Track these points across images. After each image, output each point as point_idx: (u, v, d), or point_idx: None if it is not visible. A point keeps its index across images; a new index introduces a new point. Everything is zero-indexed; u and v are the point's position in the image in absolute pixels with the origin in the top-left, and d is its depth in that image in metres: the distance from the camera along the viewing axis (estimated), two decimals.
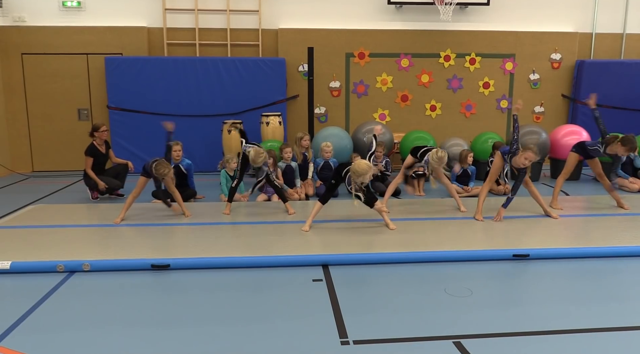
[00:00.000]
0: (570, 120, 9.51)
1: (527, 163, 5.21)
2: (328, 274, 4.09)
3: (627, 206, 5.98)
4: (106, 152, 6.67)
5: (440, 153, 5.63)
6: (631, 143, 5.60)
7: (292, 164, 6.84)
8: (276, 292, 3.76)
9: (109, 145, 6.84)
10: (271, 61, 8.64)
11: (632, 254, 4.51)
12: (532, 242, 4.70)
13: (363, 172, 4.79)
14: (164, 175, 5.26)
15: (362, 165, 4.84)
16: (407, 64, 9.17)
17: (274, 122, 8.05)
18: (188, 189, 6.58)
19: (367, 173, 4.81)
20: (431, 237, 4.87)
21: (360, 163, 4.87)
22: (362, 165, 4.83)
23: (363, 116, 9.15)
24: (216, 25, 8.90)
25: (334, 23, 8.99)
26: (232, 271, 4.14)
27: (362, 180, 4.83)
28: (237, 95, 8.55)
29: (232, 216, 5.63)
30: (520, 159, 5.22)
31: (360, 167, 4.82)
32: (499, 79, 9.37)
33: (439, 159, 5.60)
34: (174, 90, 8.48)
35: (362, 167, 4.80)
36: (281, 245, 4.59)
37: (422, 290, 3.81)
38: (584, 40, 9.47)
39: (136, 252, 4.34)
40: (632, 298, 3.68)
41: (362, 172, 4.79)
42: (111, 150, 6.89)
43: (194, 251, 4.37)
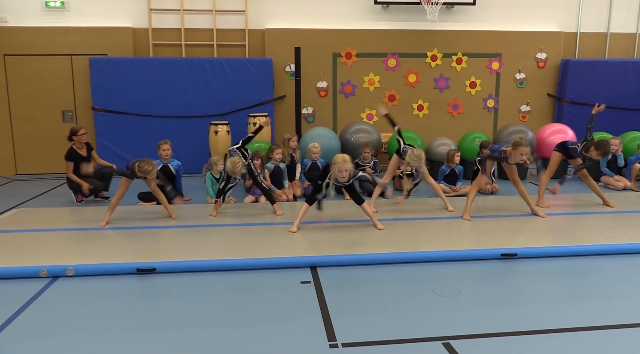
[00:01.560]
0: (556, 119, 9.58)
1: (524, 157, 5.24)
2: (316, 276, 4.06)
3: (612, 204, 6.03)
4: (88, 155, 6.57)
5: (417, 152, 5.67)
6: (604, 149, 5.69)
7: (281, 165, 6.80)
8: (264, 295, 3.73)
9: (91, 147, 6.74)
10: (258, 61, 8.59)
11: (618, 252, 4.55)
12: (519, 241, 4.72)
13: (341, 161, 4.82)
14: (147, 173, 5.17)
15: (339, 155, 4.96)
16: (394, 64, 9.18)
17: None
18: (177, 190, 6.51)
19: (346, 163, 4.84)
20: (419, 237, 4.87)
21: (339, 154, 4.99)
22: (339, 156, 4.94)
23: (351, 116, 9.13)
24: (202, 25, 8.83)
25: (321, 23, 8.96)
26: (219, 274, 4.09)
27: (339, 169, 4.83)
28: (224, 96, 8.48)
29: (219, 218, 5.58)
30: (517, 156, 5.24)
31: (337, 156, 4.94)
32: (485, 79, 9.41)
33: (417, 157, 5.61)
34: (160, 91, 8.39)
35: (338, 157, 4.91)
36: (269, 246, 4.55)
37: (411, 291, 3.80)
38: (569, 39, 9.55)
39: (121, 256, 4.27)
40: (619, 296, 3.70)
41: (335, 161, 4.86)
42: (94, 152, 6.80)
43: (180, 255, 4.31)
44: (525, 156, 5.23)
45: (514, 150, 5.23)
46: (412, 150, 5.71)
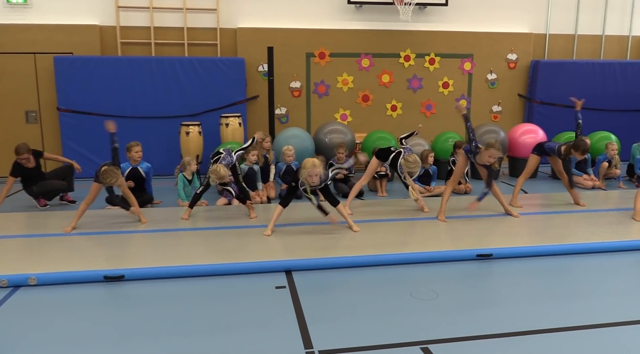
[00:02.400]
0: (526, 119, 9.71)
1: (491, 160, 5.26)
2: (291, 280, 3.98)
3: (583, 203, 6.12)
4: (36, 164, 6.24)
5: (411, 158, 5.60)
6: (583, 147, 5.74)
7: (255, 167, 6.68)
8: (238, 301, 3.62)
9: (40, 152, 6.44)
10: (230, 61, 8.43)
11: (591, 251, 4.60)
12: (494, 241, 4.72)
13: (310, 166, 4.74)
14: (111, 184, 5.01)
15: (309, 160, 4.87)
16: (368, 64, 9.15)
17: (233, 123, 7.84)
18: (145, 194, 6.33)
19: (315, 167, 4.76)
20: (395, 239, 4.83)
21: (308, 159, 4.90)
22: (309, 160, 4.85)
23: (324, 116, 9.06)
24: (172, 23, 8.62)
25: (294, 22, 8.87)
26: (191, 280, 3.96)
27: (309, 173, 4.75)
28: (195, 96, 8.29)
29: (191, 221, 5.43)
30: (484, 157, 5.26)
31: (306, 161, 4.84)
32: (458, 79, 9.47)
33: (414, 162, 5.56)
34: (129, 91, 8.16)
35: (307, 162, 4.81)
36: (243, 251, 4.45)
37: (388, 294, 3.74)
38: (539, 40, 9.69)
39: (87, 263, 4.09)
40: (595, 295, 3.73)
41: (308, 165, 4.76)
42: (45, 153, 6.55)
43: (150, 260, 4.16)
44: (493, 159, 5.25)
45: (484, 150, 5.25)
46: (406, 157, 5.61)
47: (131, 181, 6.08)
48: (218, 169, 5.33)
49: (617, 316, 3.36)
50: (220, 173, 5.31)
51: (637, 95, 9.71)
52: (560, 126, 9.06)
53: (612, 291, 3.82)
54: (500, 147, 5.37)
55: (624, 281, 4.06)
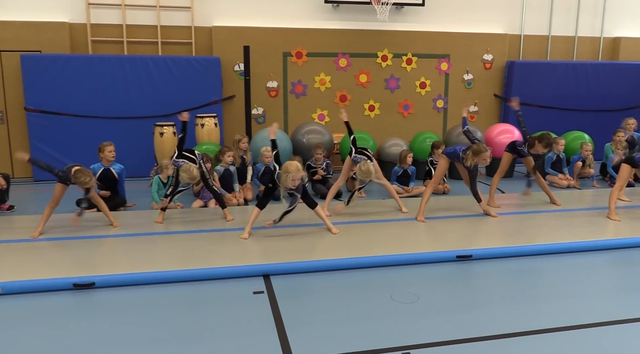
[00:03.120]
0: (502, 119, 9.80)
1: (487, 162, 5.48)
2: (269, 285, 3.87)
3: (559, 202, 6.18)
4: None
5: (364, 167, 5.37)
6: (547, 139, 5.83)
7: (231, 168, 6.55)
8: (214, 308, 3.50)
9: None
10: (205, 60, 8.27)
11: (569, 250, 4.63)
12: (474, 242, 4.71)
13: (290, 170, 4.64)
14: (84, 185, 4.82)
15: (292, 164, 4.74)
16: (345, 64, 9.09)
17: (209, 124, 7.69)
18: (117, 196, 6.14)
19: (297, 172, 4.67)
20: (374, 240, 4.77)
21: (291, 162, 4.77)
22: (292, 164, 4.73)
23: (302, 117, 8.97)
24: (145, 21, 8.41)
25: (270, 21, 8.75)
26: (165, 286, 3.82)
27: (293, 178, 4.64)
28: (170, 96, 8.10)
29: (165, 225, 5.27)
30: (479, 161, 5.36)
31: (289, 164, 4.72)
32: (435, 79, 9.49)
33: (366, 172, 5.36)
34: (100, 91, 7.92)
35: (291, 166, 4.69)
36: (219, 255, 4.32)
37: (368, 298, 3.68)
38: (514, 41, 9.78)
39: (55, 270, 3.91)
40: (575, 295, 3.73)
41: (289, 169, 4.65)
42: None
43: (122, 266, 4.01)
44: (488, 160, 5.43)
45: (477, 157, 5.25)
46: (360, 165, 5.43)
47: (106, 190, 5.91)
48: (191, 169, 5.18)
49: (598, 316, 3.36)
50: (193, 173, 5.17)
51: (609, 96, 9.89)
52: (536, 126, 9.15)
53: (591, 291, 3.83)
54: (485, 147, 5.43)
55: (601, 281, 4.08)
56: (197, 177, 5.23)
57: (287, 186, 4.74)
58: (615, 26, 10.24)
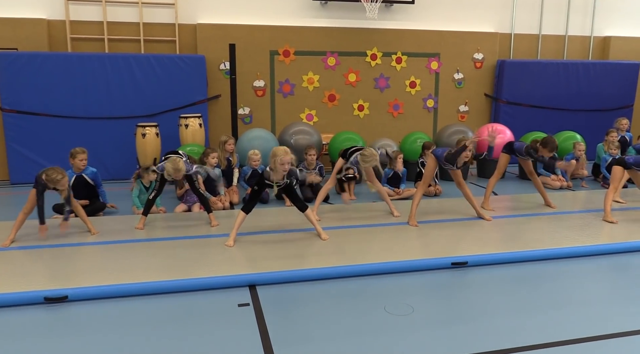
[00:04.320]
0: (493, 118, 9.66)
1: (469, 154, 5.18)
2: (255, 296, 3.66)
3: (553, 204, 6.04)
4: None
5: (367, 152, 5.36)
6: (551, 144, 5.64)
7: (216, 170, 6.31)
8: (195, 323, 3.27)
9: None
10: (189, 58, 8.01)
11: (566, 255, 4.48)
12: (469, 248, 4.52)
13: (278, 153, 4.45)
14: (56, 183, 4.50)
15: (279, 147, 4.59)
16: (334, 63, 8.89)
17: (193, 124, 7.43)
18: (97, 201, 5.87)
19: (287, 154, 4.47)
20: (366, 247, 4.57)
21: (278, 147, 4.61)
22: (279, 147, 4.57)
23: (290, 117, 8.75)
24: (127, 18, 8.13)
25: (257, 19, 8.52)
26: (143, 299, 3.59)
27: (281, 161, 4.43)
28: (153, 95, 7.83)
29: (146, 231, 5.02)
30: (461, 157, 5.10)
31: (276, 148, 4.56)
32: (425, 78, 9.32)
33: (371, 155, 5.30)
34: (80, 90, 7.62)
35: (278, 149, 4.53)
36: (202, 264, 4.09)
37: (360, 309, 3.48)
38: (504, 40, 9.65)
39: (25, 282, 3.64)
40: (573, 304, 3.56)
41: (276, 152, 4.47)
42: None
43: (98, 278, 3.76)
44: (470, 153, 5.14)
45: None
46: (362, 151, 5.38)
47: (84, 199, 5.64)
48: (177, 161, 4.95)
49: (598, 328, 3.20)
50: (179, 165, 4.93)
51: (600, 95, 9.80)
52: (527, 126, 9.06)
53: (590, 299, 3.67)
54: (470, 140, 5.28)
55: (600, 288, 3.93)
56: (182, 170, 4.98)
57: (278, 177, 4.51)
58: (605, 25, 10.16)
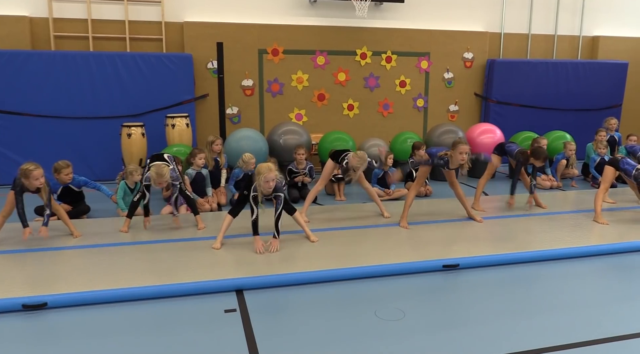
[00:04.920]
0: (483, 118, 9.63)
1: (465, 157, 4.97)
2: (243, 301, 3.56)
3: (544, 205, 6.00)
4: None
5: (360, 153, 5.39)
6: (543, 154, 5.61)
7: (203, 171, 6.19)
8: (180, 330, 3.16)
9: None
10: (176, 57, 7.87)
11: (557, 257, 4.44)
12: (460, 250, 4.45)
13: (261, 172, 4.30)
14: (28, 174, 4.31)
15: (262, 165, 4.43)
16: (323, 62, 8.79)
17: (180, 124, 7.29)
18: (82, 204, 5.73)
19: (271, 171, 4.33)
20: (356, 249, 4.48)
21: (262, 164, 4.46)
22: (262, 165, 4.41)
23: (278, 116, 8.65)
24: (112, 16, 7.97)
25: (245, 17, 8.40)
26: (126, 305, 3.47)
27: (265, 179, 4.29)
28: (138, 95, 7.68)
29: (131, 234, 4.89)
30: (456, 155, 4.98)
31: (260, 166, 4.40)
32: (415, 78, 9.27)
33: (362, 158, 5.29)
34: (64, 89, 7.44)
35: (262, 167, 4.37)
36: (187, 268, 3.97)
37: (351, 314, 3.39)
38: (494, 39, 9.62)
39: (2, 289, 3.51)
40: (567, 307, 3.51)
41: (260, 171, 4.32)
42: None
43: (79, 283, 3.63)
44: (465, 154, 4.99)
45: (453, 151, 4.99)
46: (354, 153, 5.39)
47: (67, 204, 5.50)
48: (162, 166, 4.82)
49: (592, 332, 3.14)
50: (163, 171, 4.80)
51: (589, 95, 9.81)
52: (516, 125, 9.04)
53: (583, 302, 3.61)
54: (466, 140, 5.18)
55: (592, 291, 3.88)
56: (165, 177, 4.84)
57: (265, 192, 4.42)
58: (594, 25, 10.18)
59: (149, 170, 4.89)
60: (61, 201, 5.45)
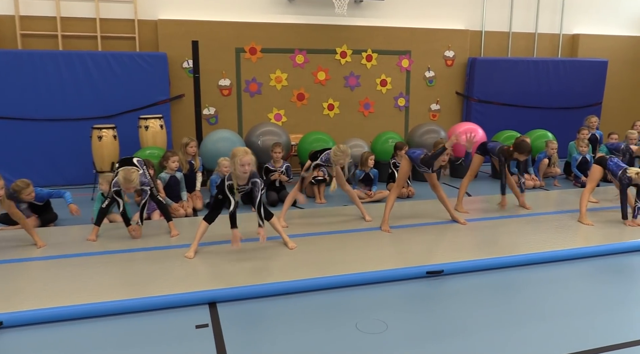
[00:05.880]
0: (465, 117, 9.54)
1: (446, 158, 4.88)
2: (216, 315, 3.35)
3: (528, 205, 5.90)
4: None
5: (342, 146, 5.11)
6: (526, 147, 5.48)
7: (177, 175, 5.95)
8: (146, 350, 2.94)
9: None
10: (150, 56, 7.59)
11: (543, 260, 4.33)
12: (444, 255, 4.30)
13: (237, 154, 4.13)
14: None
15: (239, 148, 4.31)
16: (302, 61, 8.59)
17: (154, 126, 7.01)
18: (48, 211, 5.44)
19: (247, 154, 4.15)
20: (336, 256, 4.30)
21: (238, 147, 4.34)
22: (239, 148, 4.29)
23: (257, 117, 8.42)
24: (82, 13, 7.65)
25: (221, 15, 8.15)
26: (90, 322, 3.23)
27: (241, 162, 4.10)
28: (110, 96, 7.38)
29: (99, 243, 4.63)
30: (437, 160, 4.84)
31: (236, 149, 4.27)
32: (395, 77, 9.12)
33: (344, 152, 5.04)
34: (31, 90, 7.10)
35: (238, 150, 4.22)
36: (158, 280, 3.74)
37: (330, 327, 3.21)
38: (475, 37, 9.53)
39: None
40: (555, 314, 3.38)
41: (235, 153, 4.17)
42: None
43: (39, 299, 3.38)
44: (447, 156, 4.86)
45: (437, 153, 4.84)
46: (336, 147, 5.10)
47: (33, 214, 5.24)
48: (130, 171, 4.56)
49: (584, 343, 3.01)
50: (131, 177, 4.55)
51: (570, 93, 9.78)
52: (498, 124, 8.95)
53: (573, 309, 3.49)
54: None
55: (580, 296, 3.76)
56: (134, 183, 4.59)
57: (240, 181, 4.20)
58: (574, 23, 10.15)
59: (117, 174, 4.64)
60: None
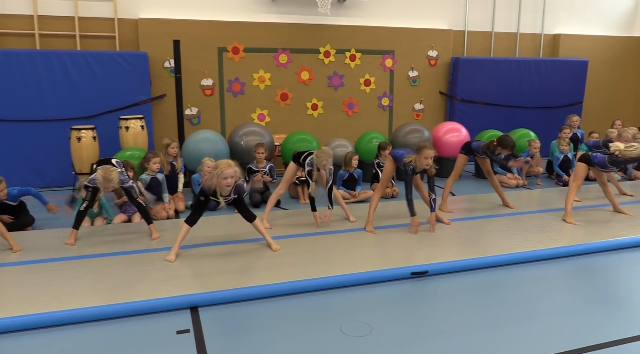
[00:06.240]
0: (448, 117, 9.57)
1: (430, 161, 4.78)
2: (197, 320, 3.28)
3: (512, 205, 5.92)
4: None
5: (325, 148, 5.12)
6: (510, 143, 5.46)
7: (159, 176, 5.85)
8: None
9: None
10: (131, 56, 7.46)
11: (530, 259, 4.33)
12: (428, 256, 4.28)
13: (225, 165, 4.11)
14: None
15: (222, 160, 4.29)
16: (286, 60, 8.53)
17: (135, 126, 6.89)
18: (25, 214, 5.31)
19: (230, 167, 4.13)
20: (320, 258, 4.26)
21: (221, 160, 4.31)
22: (222, 161, 4.26)
23: (240, 117, 8.33)
24: (61, 12, 7.49)
25: (203, 13, 8.05)
26: (67, 329, 3.14)
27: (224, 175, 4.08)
28: (90, 96, 7.23)
29: (78, 247, 4.52)
30: (421, 160, 4.78)
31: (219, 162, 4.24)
32: (379, 76, 9.11)
33: (325, 153, 5.01)
34: (7, 90, 6.92)
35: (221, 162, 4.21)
36: (138, 284, 3.67)
37: (314, 331, 3.16)
38: (458, 37, 9.57)
39: None
40: (540, 315, 3.37)
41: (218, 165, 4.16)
42: None
43: (14, 306, 3.27)
44: (430, 159, 4.80)
45: (418, 156, 4.80)
46: (317, 152, 5.06)
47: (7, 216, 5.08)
48: (110, 169, 4.46)
49: (570, 342, 3.00)
50: (110, 176, 4.45)
51: (551, 92, 9.88)
52: (481, 124, 8.99)
53: (558, 309, 3.49)
54: (431, 145, 4.99)
55: (565, 295, 3.76)
56: (113, 182, 4.49)
57: (223, 193, 4.15)
58: (555, 23, 10.26)
59: (95, 172, 4.53)
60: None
